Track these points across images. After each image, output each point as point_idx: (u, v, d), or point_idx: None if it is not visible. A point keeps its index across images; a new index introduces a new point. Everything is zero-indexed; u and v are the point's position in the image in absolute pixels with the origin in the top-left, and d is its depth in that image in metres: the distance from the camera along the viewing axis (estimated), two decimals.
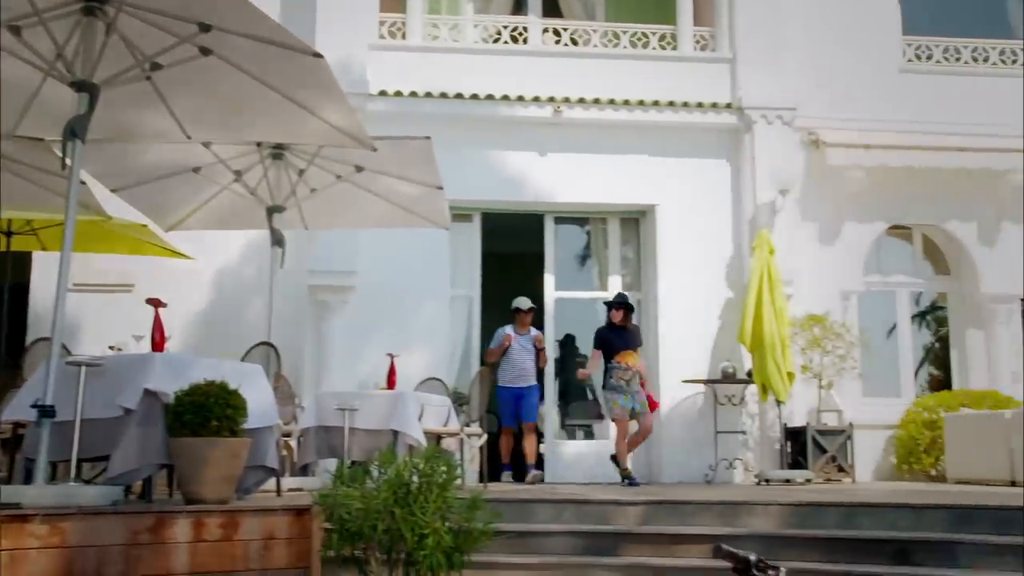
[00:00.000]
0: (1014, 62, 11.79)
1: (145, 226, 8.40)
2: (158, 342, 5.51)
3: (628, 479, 9.09)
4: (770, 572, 2.59)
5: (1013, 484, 9.31)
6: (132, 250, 8.92)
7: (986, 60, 11.77)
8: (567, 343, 11.49)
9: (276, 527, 4.80)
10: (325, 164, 7.43)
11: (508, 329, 9.97)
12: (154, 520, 4.49)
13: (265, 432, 5.60)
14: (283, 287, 8.01)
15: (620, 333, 9.42)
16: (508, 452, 9.98)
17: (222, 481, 4.89)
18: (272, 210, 7.48)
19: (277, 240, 7.47)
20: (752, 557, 2.62)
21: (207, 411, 4.82)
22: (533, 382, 9.96)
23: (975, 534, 5.71)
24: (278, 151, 7.34)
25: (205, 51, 5.17)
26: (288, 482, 6.94)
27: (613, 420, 9.40)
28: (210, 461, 4.82)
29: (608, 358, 9.30)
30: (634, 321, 9.69)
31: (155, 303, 5.55)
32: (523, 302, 10.04)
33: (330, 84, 5.32)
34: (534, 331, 10.07)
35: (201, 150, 7.13)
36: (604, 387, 9.44)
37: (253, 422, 5.23)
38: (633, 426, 9.32)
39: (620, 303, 9.51)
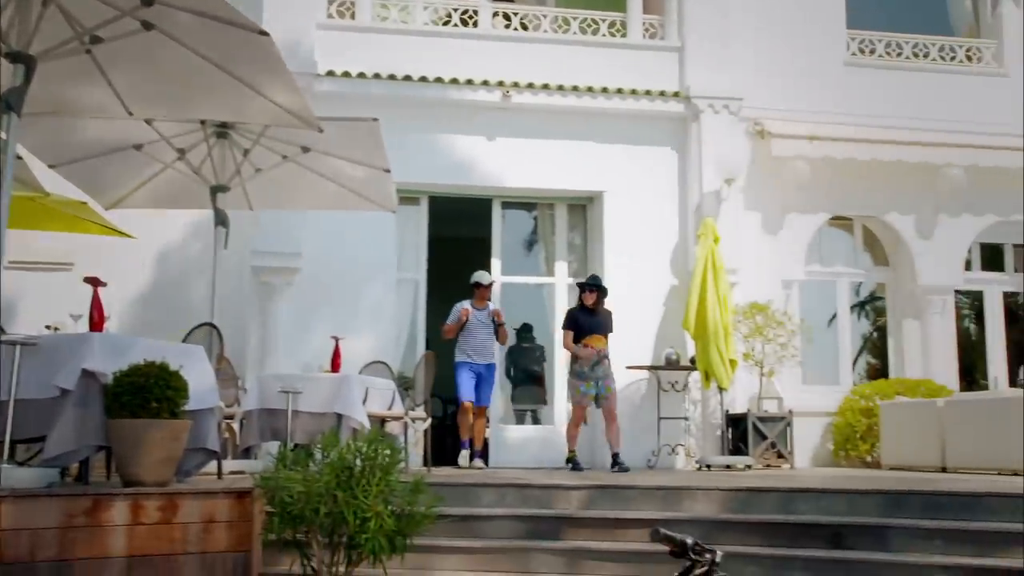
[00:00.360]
0: (953, 58, 12.05)
1: (85, 203, 8.22)
2: (97, 322, 5.41)
3: (572, 463, 9.13)
4: (706, 555, 2.63)
5: (944, 470, 9.57)
6: (71, 228, 8.72)
7: (926, 56, 12.01)
8: (523, 332, 11.48)
9: (216, 510, 4.76)
10: (271, 144, 7.32)
11: (466, 303, 9.67)
12: (91, 503, 4.43)
13: (206, 414, 5.54)
14: (227, 268, 7.89)
15: (590, 316, 9.31)
16: (468, 428, 9.64)
17: (161, 463, 4.82)
18: (216, 190, 7.35)
19: (221, 220, 7.35)
20: (689, 541, 2.66)
21: (147, 392, 4.75)
22: (492, 360, 9.77)
23: (906, 519, 5.86)
24: (223, 130, 7.22)
25: (148, 25, 5.06)
26: (230, 465, 6.88)
27: (572, 404, 9.36)
28: (149, 443, 4.76)
29: (575, 340, 9.26)
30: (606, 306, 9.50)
31: (94, 282, 5.44)
32: (483, 276, 9.78)
33: (276, 63, 5.24)
34: (492, 306, 9.82)
35: (143, 127, 6.98)
36: (569, 371, 9.43)
37: (194, 404, 5.17)
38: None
39: (594, 286, 9.40)
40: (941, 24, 12.53)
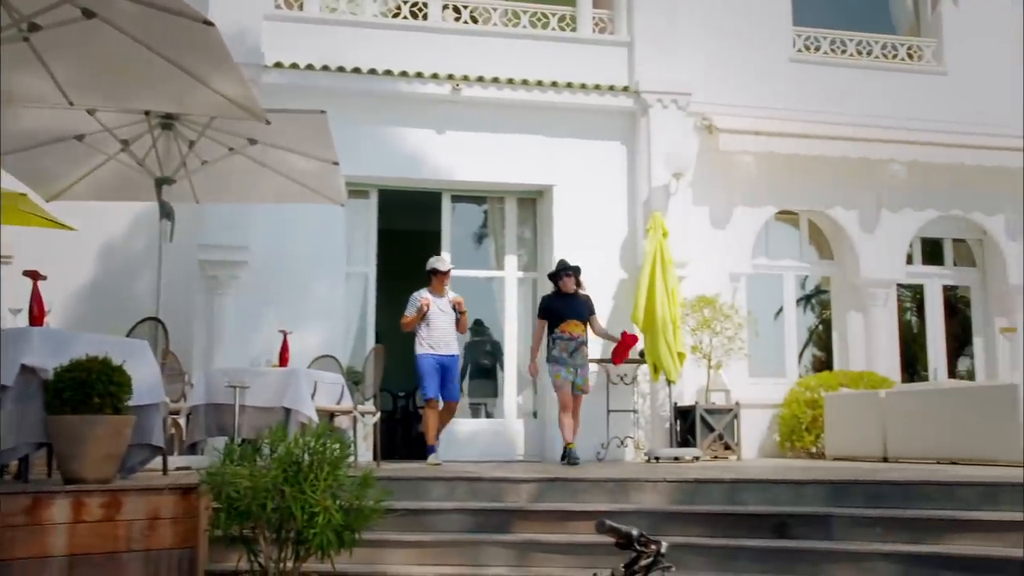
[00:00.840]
0: (895, 56, 12.28)
1: (24, 195, 8.03)
2: (36, 316, 5.30)
3: (566, 455, 8.86)
4: (652, 546, 2.66)
5: (885, 460, 9.77)
6: (10, 220, 8.49)
7: (869, 54, 12.22)
8: (475, 326, 11.44)
9: (161, 506, 4.70)
10: (217, 136, 7.22)
11: (424, 292, 9.06)
12: (30, 501, 4.34)
13: (151, 409, 5.46)
14: (173, 261, 7.77)
15: (567, 301, 9.09)
16: (435, 429, 8.95)
17: (104, 460, 4.74)
18: (161, 182, 7.23)
19: (166, 213, 7.23)
20: (634, 532, 2.69)
21: (89, 387, 4.66)
22: (456, 351, 9.09)
23: (849, 508, 5.98)
24: (167, 121, 7.10)
25: (88, 13, 4.95)
26: (175, 461, 6.79)
27: (555, 391, 9.07)
28: (91, 439, 4.67)
29: (552, 328, 9.03)
30: (584, 291, 9.32)
31: (33, 275, 5.33)
32: (442, 262, 9.20)
33: (221, 53, 5.17)
34: (452, 294, 9.23)
35: (85, 117, 6.85)
36: (547, 358, 9.11)
37: (138, 399, 5.10)
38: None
39: (567, 270, 9.16)
40: (884, 22, 12.76)
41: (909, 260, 12.10)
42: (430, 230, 10.97)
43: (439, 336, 8.98)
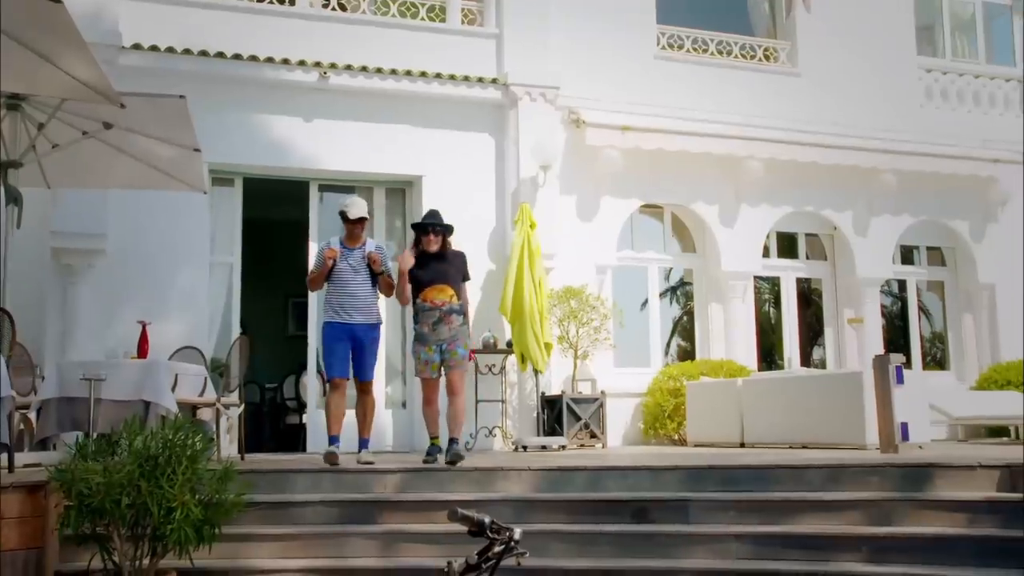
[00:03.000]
0: (753, 57, 12.76)
1: None
2: None
3: (428, 451, 7.42)
4: (505, 533, 2.71)
5: (743, 445, 10.17)
6: None
7: (729, 53, 12.65)
8: None
9: (5, 506, 4.51)
10: (69, 119, 6.94)
11: (333, 241, 7.51)
12: None
13: None
14: (23, 249, 7.43)
15: (432, 263, 7.44)
16: (340, 417, 7.49)
17: None
18: (7, 165, 6.89)
19: (13, 198, 6.90)
20: (486, 519, 2.73)
21: None
22: (374, 318, 7.46)
23: (704, 492, 6.21)
24: (13, 101, 6.76)
25: None
26: (24, 457, 6.50)
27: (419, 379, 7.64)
28: None
29: (415, 295, 7.45)
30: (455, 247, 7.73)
31: None
32: (356, 206, 7.49)
33: (70, 32, 4.96)
34: (371, 244, 7.60)
35: None
36: (413, 338, 7.66)
37: None
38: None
39: (432, 225, 7.52)
40: (743, 24, 13.21)
41: (766, 253, 12.60)
42: (297, 219, 10.79)
43: (349, 299, 7.39)
